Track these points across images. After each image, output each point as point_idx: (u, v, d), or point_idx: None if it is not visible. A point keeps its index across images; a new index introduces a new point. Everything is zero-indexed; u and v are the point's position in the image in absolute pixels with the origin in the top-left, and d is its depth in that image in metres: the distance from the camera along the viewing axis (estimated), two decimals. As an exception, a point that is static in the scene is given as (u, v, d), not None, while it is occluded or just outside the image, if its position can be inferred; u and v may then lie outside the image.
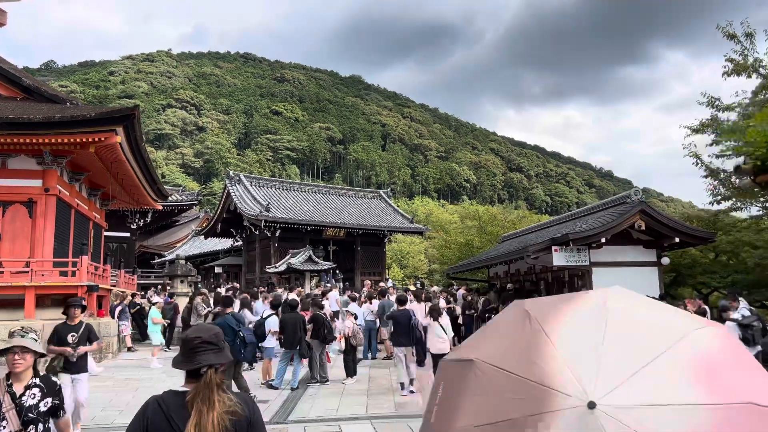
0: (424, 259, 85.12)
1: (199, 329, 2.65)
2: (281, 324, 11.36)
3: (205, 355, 2.48)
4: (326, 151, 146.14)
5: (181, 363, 2.53)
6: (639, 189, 15.20)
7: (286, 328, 11.30)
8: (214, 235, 41.44)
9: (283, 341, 11.35)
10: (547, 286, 18.25)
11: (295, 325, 11.35)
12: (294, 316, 11.58)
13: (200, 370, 2.46)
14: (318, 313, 12.18)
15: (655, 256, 15.79)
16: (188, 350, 2.51)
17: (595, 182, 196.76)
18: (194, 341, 2.51)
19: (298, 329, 11.39)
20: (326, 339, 11.94)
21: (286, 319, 11.39)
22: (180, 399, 2.45)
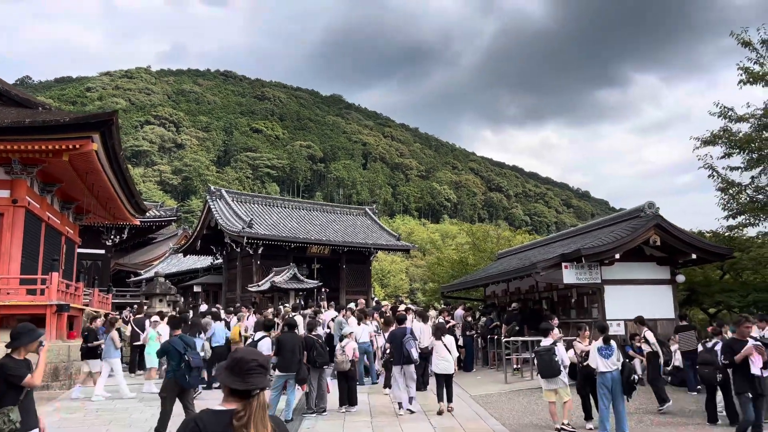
0: (405, 278, 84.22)
1: (253, 353, 2.70)
2: (279, 345, 10.18)
3: (258, 377, 2.54)
4: (307, 169, 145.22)
5: (233, 382, 2.53)
6: (653, 202, 14.38)
7: (284, 349, 10.13)
8: (194, 252, 39.92)
9: (279, 364, 10.15)
10: (552, 306, 17.28)
11: (294, 347, 10.19)
12: (293, 336, 10.42)
13: (252, 392, 2.50)
14: (309, 336, 11.03)
15: (669, 274, 14.95)
16: (244, 371, 2.53)
17: (573, 202, 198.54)
18: (250, 363, 2.56)
19: (298, 351, 10.23)
20: (316, 363, 10.77)
21: (284, 340, 10.21)
22: (220, 418, 2.48)
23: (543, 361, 9.10)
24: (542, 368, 9.19)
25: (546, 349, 9.16)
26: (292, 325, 10.58)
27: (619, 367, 8.79)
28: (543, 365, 9.14)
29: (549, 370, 9.05)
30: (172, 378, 8.60)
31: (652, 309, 14.59)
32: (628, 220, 15.04)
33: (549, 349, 9.13)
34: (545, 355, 9.08)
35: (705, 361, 9.74)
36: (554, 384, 9.13)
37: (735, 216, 15.97)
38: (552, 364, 9.00)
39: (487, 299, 21.92)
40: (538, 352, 9.33)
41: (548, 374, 9.10)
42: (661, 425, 9.79)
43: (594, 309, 14.93)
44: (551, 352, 9.08)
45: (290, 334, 10.43)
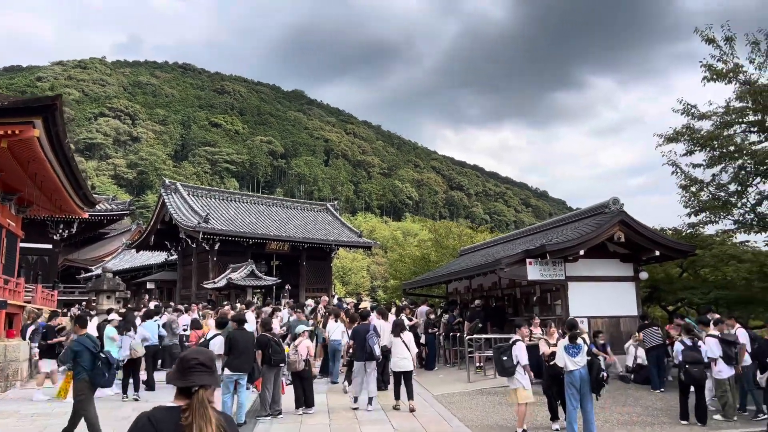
0: (366, 276, 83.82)
1: (196, 351, 2.81)
2: (231, 342, 9.53)
3: (199, 375, 2.63)
4: (267, 165, 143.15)
5: (175, 380, 2.67)
6: (617, 198, 14.25)
7: (235, 347, 9.49)
8: (147, 248, 38.58)
9: (230, 363, 9.51)
10: (515, 303, 17.04)
11: (246, 345, 9.57)
12: (244, 334, 9.79)
13: (192, 388, 2.59)
14: (263, 334, 10.42)
15: (632, 271, 14.86)
16: (185, 369, 2.65)
17: (532, 202, 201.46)
18: (191, 362, 2.66)
19: (250, 349, 9.62)
20: (272, 361, 10.19)
21: (235, 338, 9.57)
22: (170, 414, 2.57)
23: (495, 359, 8.89)
24: (496, 366, 8.98)
25: (499, 347, 8.90)
26: (241, 322, 9.94)
27: (586, 364, 8.48)
28: (495, 363, 8.93)
29: (500, 369, 8.84)
30: (86, 378, 8.10)
31: (616, 306, 14.50)
32: (592, 216, 14.89)
33: (500, 348, 8.87)
34: (495, 353, 8.86)
35: (694, 360, 9.51)
36: (511, 383, 8.85)
37: (696, 213, 16.03)
38: (501, 363, 8.73)
39: (450, 296, 21.61)
40: (496, 349, 9.09)
41: (501, 373, 8.86)
42: (627, 425, 9.55)
43: (557, 306, 14.73)
44: (501, 350, 8.80)
45: (241, 331, 9.79)
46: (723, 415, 9.76)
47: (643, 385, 12.63)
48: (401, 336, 10.99)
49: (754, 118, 14.78)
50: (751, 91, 14.15)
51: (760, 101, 14.18)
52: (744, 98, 14.52)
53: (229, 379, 9.58)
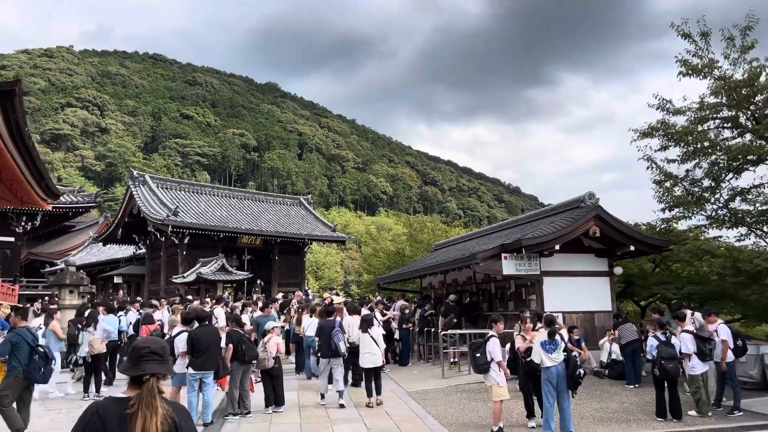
0: (340, 271, 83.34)
1: (147, 340, 2.81)
2: (193, 340, 9.13)
3: (150, 364, 2.61)
4: (240, 158, 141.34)
5: (126, 369, 2.67)
6: (593, 192, 14.15)
7: (198, 344, 9.10)
8: (114, 241, 37.61)
9: (194, 361, 9.12)
10: (490, 298, 16.89)
11: (209, 342, 9.17)
12: (208, 330, 9.38)
13: (143, 377, 2.57)
14: (234, 330, 10.04)
15: (607, 266, 14.80)
16: (135, 358, 2.63)
17: (505, 197, 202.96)
18: (142, 350, 2.65)
19: (214, 346, 9.23)
20: (245, 357, 9.83)
21: (197, 335, 9.17)
22: (118, 405, 2.55)
23: (469, 356, 8.71)
24: (470, 363, 8.77)
25: (473, 344, 8.72)
26: (202, 318, 9.52)
27: (563, 361, 8.31)
28: (470, 360, 8.72)
29: (474, 366, 8.61)
30: (19, 374, 7.83)
31: (590, 301, 14.44)
32: (567, 210, 14.79)
33: (474, 344, 8.69)
34: (469, 349, 8.65)
35: (669, 356, 9.41)
36: (486, 380, 8.63)
37: (671, 209, 16.06)
38: (475, 360, 8.51)
39: (424, 291, 21.40)
40: (471, 345, 8.89)
41: (476, 370, 8.65)
42: (603, 422, 9.43)
43: (532, 301, 14.61)
44: (474, 347, 8.60)
45: (204, 327, 9.38)
46: (697, 411, 9.71)
47: (617, 381, 12.58)
48: (369, 332, 10.85)
49: (728, 114, 14.84)
50: (726, 87, 14.19)
51: (734, 97, 14.22)
52: (719, 94, 14.55)
53: (193, 377, 9.19)
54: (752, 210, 15.23)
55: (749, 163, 14.74)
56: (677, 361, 9.65)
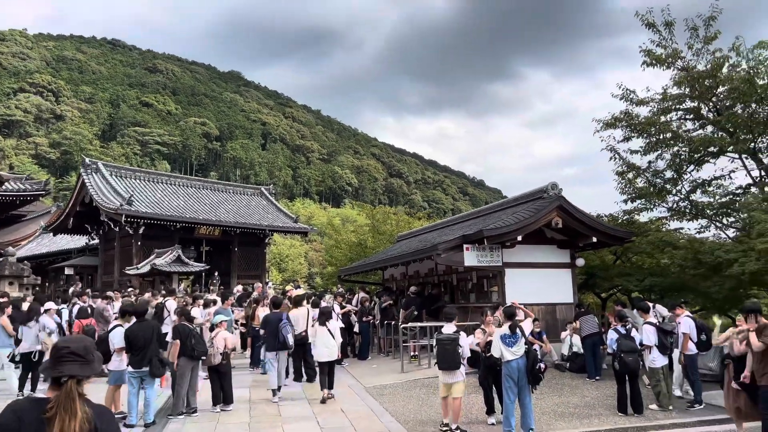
0: (304, 263, 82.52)
1: (69, 339, 2.76)
2: (129, 338, 8.50)
3: (69, 365, 2.51)
4: (201, 148, 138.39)
5: (45, 370, 2.61)
6: (556, 183, 13.90)
7: (135, 342, 8.47)
8: (65, 231, 36.11)
9: (130, 360, 8.50)
10: (452, 290, 16.56)
11: (146, 339, 8.53)
12: (145, 326, 8.72)
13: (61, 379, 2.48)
14: (183, 324, 9.43)
15: (569, 257, 14.61)
16: (55, 358, 2.55)
17: (469, 190, 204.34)
18: (62, 350, 2.55)
19: (151, 343, 8.58)
20: (194, 352, 9.24)
21: (134, 332, 8.53)
22: (37, 406, 2.47)
23: (445, 351, 8.07)
24: (442, 359, 8.17)
25: (450, 339, 8.13)
26: (139, 313, 8.87)
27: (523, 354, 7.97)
28: (444, 356, 8.12)
29: (450, 361, 8.03)
30: None
31: (552, 293, 14.22)
32: (530, 201, 14.51)
33: (454, 339, 8.11)
34: (449, 345, 8.05)
35: (629, 349, 9.17)
36: (453, 377, 8.13)
37: (633, 200, 15.97)
38: (455, 356, 8.00)
39: (386, 283, 20.99)
40: (441, 340, 8.22)
41: (448, 366, 8.08)
42: (564, 417, 9.16)
43: (494, 293, 14.32)
44: (456, 342, 8.08)
45: (141, 323, 8.73)
46: (658, 405, 9.53)
47: (578, 374, 12.40)
48: (327, 325, 10.50)
49: (690, 105, 14.79)
50: (689, 77, 14.11)
51: (696, 88, 14.16)
52: (682, 84, 14.47)
53: (133, 376, 8.56)
54: (712, 202, 15.25)
55: (710, 155, 14.74)
56: (637, 354, 9.46)
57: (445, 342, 8.14)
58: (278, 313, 11.16)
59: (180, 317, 9.67)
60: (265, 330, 11.13)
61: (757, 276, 11.93)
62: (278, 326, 10.74)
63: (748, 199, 14.05)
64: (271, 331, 10.85)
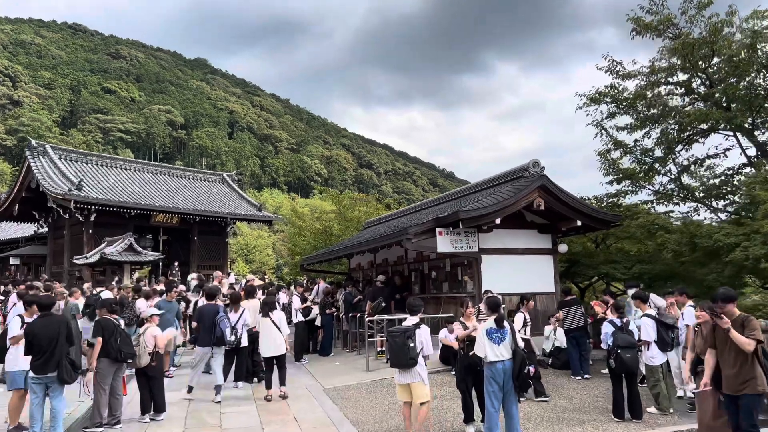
0: (272, 254, 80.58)
1: None
2: (29, 336, 6.92)
3: None
4: (166, 136, 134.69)
5: None
6: (538, 161, 12.64)
7: (38, 342, 6.89)
8: (11, 218, 33.74)
9: (34, 363, 6.93)
10: (423, 279, 15.22)
11: (51, 337, 6.95)
12: (50, 322, 7.12)
13: None
14: (106, 318, 7.88)
15: (551, 243, 13.39)
16: None
17: (439, 182, 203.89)
18: None
19: (58, 341, 7.01)
20: (120, 354, 7.73)
21: (35, 330, 6.94)
22: None
23: (395, 345, 6.73)
24: (394, 354, 6.83)
25: (401, 330, 6.79)
26: (44, 306, 7.26)
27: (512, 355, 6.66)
28: (394, 350, 6.79)
29: (400, 357, 6.69)
30: None
31: (532, 282, 12.98)
32: (510, 180, 13.20)
33: (405, 331, 6.75)
34: (399, 337, 6.70)
35: (627, 344, 7.92)
36: (407, 377, 6.77)
37: (619, 181, 14.83)
38: (405, 350, 6.62)
39: (352, 272, 19.57)
40: (392, 333, 6.93)
41: (399, 363, 6.74)
42: (553, 423, 7.89)
43: (469, 282, 13.02)
44: (407, 334, 6.70)
45: (45, 319, 7.12)
46: (657, 408, 8.35)
47: (562, 371, 11.20)
48: (270, 315, 9.44)
49: (682, 78, 13.68)
50: (683, 44, 12.96)
51: (689, 58, 13.04)
52: (676, 52, 13.31)
53: (36, 382, 6.98)
54: (704, 183, 14.19)
55: (701, 133, 13.68)
56: (636, 351, 8.26)
57: (395, 334, 6.82)
58: (213, 304, 10.00)
59: (102, 311, 8.10)
60: (198, 323, 9.94)
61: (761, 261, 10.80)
62: (215, 319, 9.54)
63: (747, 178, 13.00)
64: (206, 324, 9.61)
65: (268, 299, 10.15)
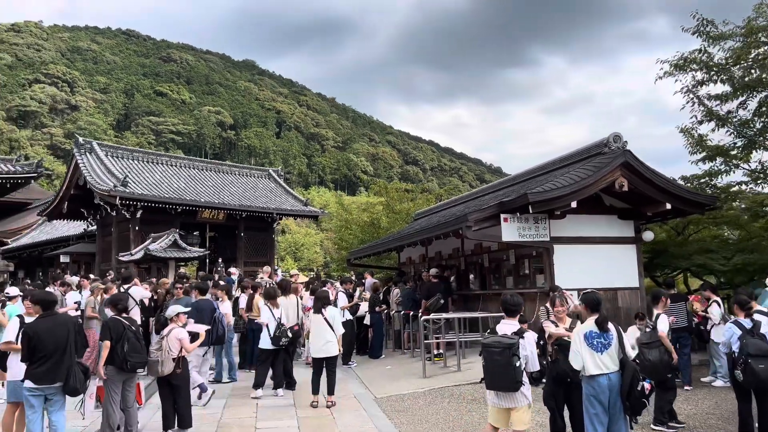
0: (319, 251, 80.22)
1: None
2: (30, 339, 5.78)
3: None
4: (216, 137, 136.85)
5: None
6: (620, 134, 10.94)
7: (40, 346, 5.75)
8: (60, 216, 33.77)
9: (33, 370, 5.78)
10: (482, 273, 13.66)
11: (57, 341, 5.80)
12: (54, 322, 5.96)
13: None
14: (115, 319, 6.71)
15: (633, 230, 11.65)
16: None
17: (486, 177, 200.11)
18: None
19: (67, 346, 5.86)
20: (127, 364, 6.51)
21: (37, 331, 5.80)
22: None
23: (495, 364, 5.07)
24: (492, 375, 5.17)
25: (502, 345, 5.08)
26: (46, 303, 6.10)
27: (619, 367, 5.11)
28: (495, 370, 5.11)
29: (503, 380, 5.07)
30: None
31: (611, 275, 11.30)
32: (584, 159, 11.50)
33: (508, 346, 5.04)
34: (500, 354, 5.05)
35: (760, 352, 6.20)
36: (509, 401, 5.17)
37: (711, 159, 12.87)
38: (509, 372, 5.00)
39: (402, 267, 18.16)
40: (489, 347, 5.21)
41: (502, 385, 5.11)
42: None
43: (539, 276, 11.43)
44: (511, 350, 5.04)
45: (47, 318, 5.97)
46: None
47: (654, 379, 9.50)
48: (323, 312, 8.33)
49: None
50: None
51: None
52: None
53: (33, 394, 5.84)
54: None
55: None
56: (766, 358, 6.53)
57: (493, 349, 5.13)
58: (207, 300, 9.59)
59: (112, 308, 6.92)
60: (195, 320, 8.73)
61: None
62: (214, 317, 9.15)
63: None
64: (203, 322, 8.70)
65: (321, 294, 9.04)
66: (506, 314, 5.48)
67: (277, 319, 9.07)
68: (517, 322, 5.38)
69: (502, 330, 5.29)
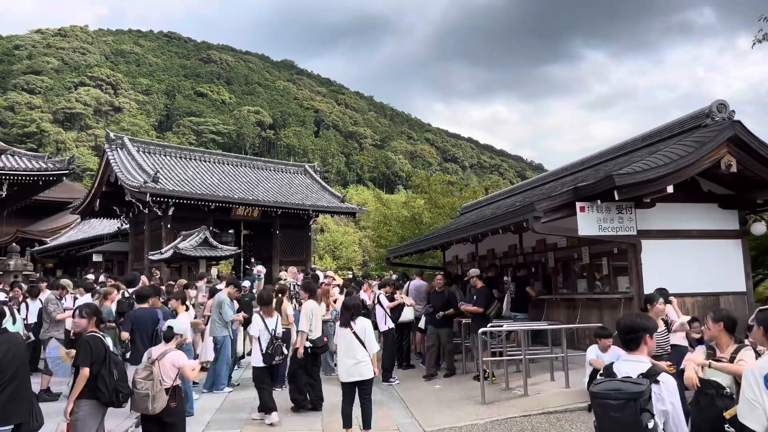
0: (358, 250, 78.95)
1: None
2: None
3: None
4: (255, 136, 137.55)
5: None
6: (725, 102, 8.87)
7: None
8: (92, 214, 33.12)
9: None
10: (545, 274, 11.66)
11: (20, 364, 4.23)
12: (9, 340, 4.38)
13: None
14: (93, 335, 5.10)
15: (738, 222, 9.53)
16: None
17: (527, 174, 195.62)
18: None
19: (18, 371, 4.25)
20: (118, 397, 4.90)
21: None
22: None
23: (615, 424, 3.06)
24: None
25: (629, 395, 3.06)
26: None
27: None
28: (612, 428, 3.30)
29: None
30: None
31: (712, 277, 9.21)
32: (678, 134, 9.36)
33: (636, 396, 3.04)
34: (623, 408, 3.02)
35: None
36: None
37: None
38: None
39: (448, 266, 16.27)
40: (606, 398, 3.16)
41: None
42: None
43: (620, 279, 9.41)
44: (641, 401, 3.04)
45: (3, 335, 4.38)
46: None
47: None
48: (351, 325, 6.64)
49: None
50: None
51: None
52: None
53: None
54: None
55: None
56: None
57: (610, 402, 3.14)
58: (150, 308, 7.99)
59: (85, 321, 5.28)
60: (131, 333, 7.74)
61: None
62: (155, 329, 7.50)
63: None
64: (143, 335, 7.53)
65: (348, 302, 7.19)
66: (624, 346, 3.54)
67: (270, 332, 7.41)
68: (645, 357, 3.41)
69: (623, 370, 3.34)
